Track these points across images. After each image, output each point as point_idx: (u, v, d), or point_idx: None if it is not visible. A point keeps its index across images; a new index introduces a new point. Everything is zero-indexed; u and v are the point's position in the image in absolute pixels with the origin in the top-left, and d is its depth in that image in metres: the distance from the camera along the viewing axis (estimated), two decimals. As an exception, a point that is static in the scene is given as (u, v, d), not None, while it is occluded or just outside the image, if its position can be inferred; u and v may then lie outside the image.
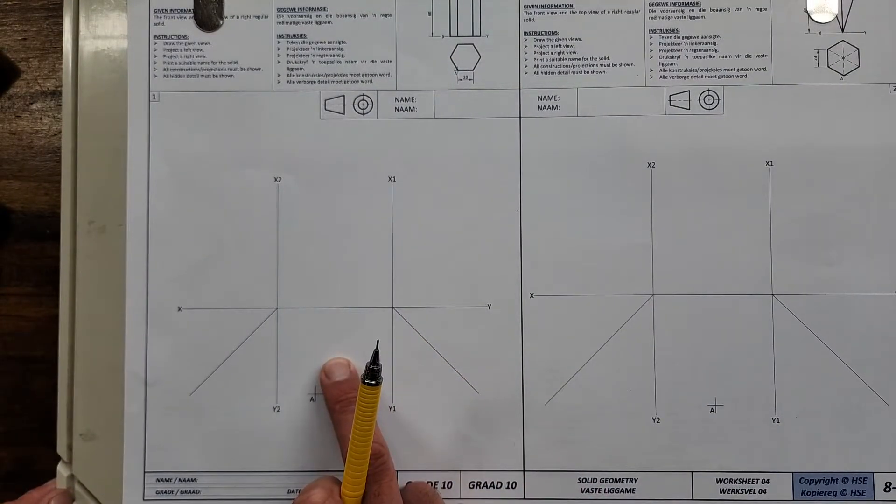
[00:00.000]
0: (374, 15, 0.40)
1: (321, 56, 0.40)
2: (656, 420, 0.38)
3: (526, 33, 0.39)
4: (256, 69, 0.40)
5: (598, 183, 0.39)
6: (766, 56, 0.39)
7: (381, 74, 0.39)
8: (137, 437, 0.38)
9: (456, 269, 0.39)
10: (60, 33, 0.40)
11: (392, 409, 0.38)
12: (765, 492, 0.38)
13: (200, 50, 0.40)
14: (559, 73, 0.39)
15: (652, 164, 0.39)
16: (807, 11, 0.39)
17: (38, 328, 0.40)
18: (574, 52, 0.39)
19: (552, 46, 0.39)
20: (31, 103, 0.42)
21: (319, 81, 0.39)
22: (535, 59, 0.39)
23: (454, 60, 0.39)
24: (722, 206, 0.38)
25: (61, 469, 0.38)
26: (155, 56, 0.40)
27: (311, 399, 0.38)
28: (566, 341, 0.38)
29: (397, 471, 0.38)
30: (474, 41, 0.39)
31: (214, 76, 0.40)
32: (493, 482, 0.38)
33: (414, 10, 0.40)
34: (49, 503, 0.36)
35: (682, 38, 0.39)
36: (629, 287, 0.38)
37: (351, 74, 0.39)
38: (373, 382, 0.33)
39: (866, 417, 0.38)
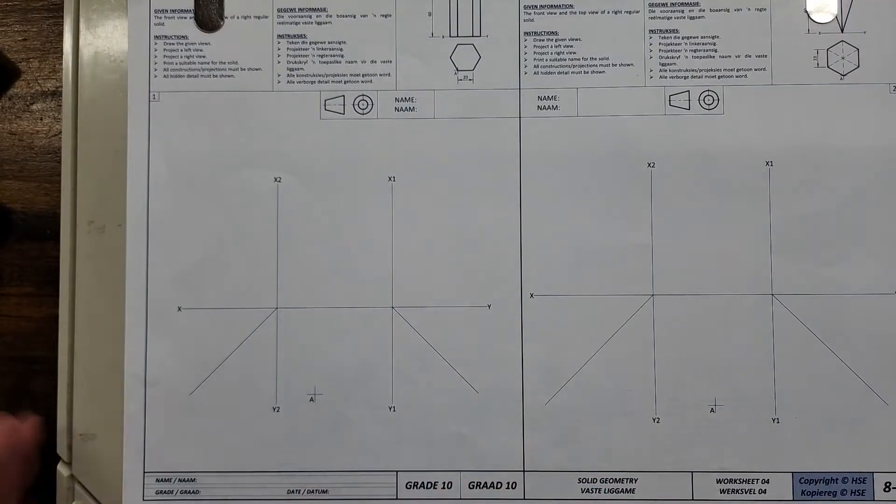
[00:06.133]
0: (374, 15, 0.40)
1: (321, 56, 0.40)
2: (656, 420, 0.38)
3: (526, 33, 0.39)
4: (256, 69, 0.40)
5: (598, 183, 0.39)
6: (766, 56, 0.39)
7: (381, 74, 0.39)
8: (137, 437, 0.38)
9: (456, 269, 0.39)
10: (61, 34, 0.40)
11: (392, 409, 0.38)
12: (765, 492, 0.38)
13: (201, 50, 0.40)
14: (559, 73, 0.39)
15: (652, 164, 0.39)
16: (806, 11, 0.39)
17: (39, 328, 0.40)
18: (574, 53, 0.39)
19: (552, 46, 0.39)
20: (32, 104, 0.42)
21: (319, 82, 0.39)
22: (535, 59, 0.39)
23: (454, 60, 0.39)
24: (722, 206, 0.38)
25: (61, 469, 0.38)
26: (155, 56, 0.40)
27: (311, 399, 0.38)
28: (566, 341, 0.38)
29: (397, 471, 0.38)
30: (474, 41, 0.39)
31: (214, 76, 0.40)
32: (493, 482, 0.38)
33: (414, 10, 0.40)
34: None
35: (682, 38, 0.39)
36: (629, 287, 0.38)
37: (351, 74, 0.39)
38: None
39: (866, 417, 0.38)
